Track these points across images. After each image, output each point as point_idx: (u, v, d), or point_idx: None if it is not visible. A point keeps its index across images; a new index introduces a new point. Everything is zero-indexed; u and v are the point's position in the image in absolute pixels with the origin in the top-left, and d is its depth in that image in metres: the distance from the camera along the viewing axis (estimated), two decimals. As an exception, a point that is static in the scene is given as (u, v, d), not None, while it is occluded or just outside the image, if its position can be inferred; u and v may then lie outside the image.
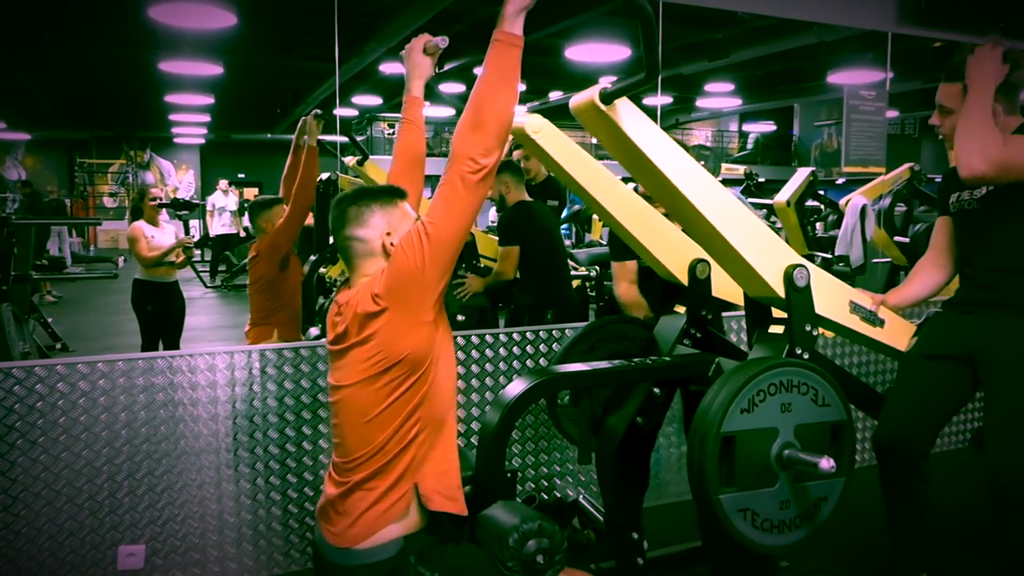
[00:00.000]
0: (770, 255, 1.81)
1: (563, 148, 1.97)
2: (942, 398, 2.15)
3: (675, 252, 2.15)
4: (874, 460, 2.25)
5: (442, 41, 1.98)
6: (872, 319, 2.10)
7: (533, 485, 3.13)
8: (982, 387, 2.11)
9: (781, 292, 1.81)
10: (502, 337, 3.05)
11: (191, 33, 7.30)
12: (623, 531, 2.21)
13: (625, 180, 2.25)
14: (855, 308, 2.07)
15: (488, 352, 3.00)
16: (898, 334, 2.17)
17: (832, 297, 2.00)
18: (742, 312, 2.07)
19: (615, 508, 2.20)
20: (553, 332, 3.14)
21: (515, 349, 3.05)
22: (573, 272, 5.61)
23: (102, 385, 2.49)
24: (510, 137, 1.75)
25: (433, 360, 1.61)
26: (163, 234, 4.63)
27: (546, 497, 3.11)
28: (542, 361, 3.08)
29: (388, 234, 1.69)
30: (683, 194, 1.73)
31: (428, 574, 1.60)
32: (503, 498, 1.71)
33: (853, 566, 2.61)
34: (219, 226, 10.96)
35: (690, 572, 2.43)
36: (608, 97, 1.65)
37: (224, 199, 11.08)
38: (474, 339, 2.98)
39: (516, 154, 4.10)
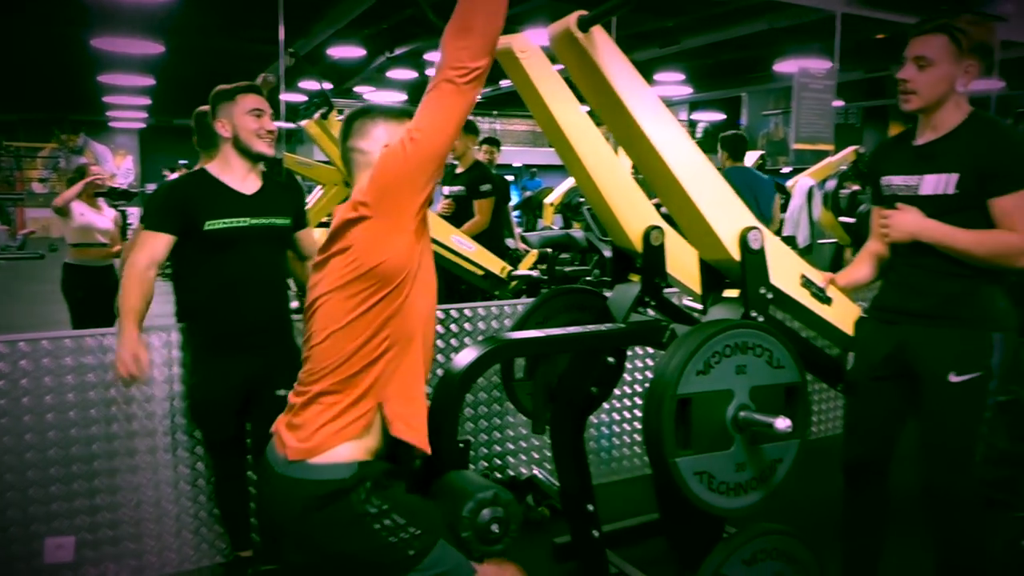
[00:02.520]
0: (728, 214, 1.78)
1: (547, 77, 1.87)
2: (895, 419, 2.15)
3: (635, 214, 2.09)
4: (827, 432, 2.25)
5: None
6: (821, 296, 2.09)
7: (486, 463, 3.07)
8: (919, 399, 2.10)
9: (736, 254, 1.78)
10: (453, 313, 2.98)
11: (128, 7, 6.99)
12: (578, 503, 2.17)
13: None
14: (806, 282, 2.05)
15: (439, 328, 2.93)
16: (845, 315, 2.16)
17: (785, 267, 1.99)
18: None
19: (570, 479, 2.16)
20: (506, 308, 3.08)
21: (466, 325, 2.99)
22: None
23: (24, 366, 2.34)
24: None
25: (410, 274, 1.51)
26: (98, 216, 4.42)
27: (499, 476, 3.06)
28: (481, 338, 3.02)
29: (387, 146, 1.59)
30: (649, 139, 1.68)
31: (381, 505, 1.47)
32: (455, 468, 1.65)
33: (807, 527, 2.62)
34: None
35: (645, 544, 2.41)
36: (586, 23, 1.58)
37: None
38: (439, 313, 2.91)
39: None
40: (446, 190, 4.54)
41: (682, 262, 2.16)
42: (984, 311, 1.98)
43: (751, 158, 5.87)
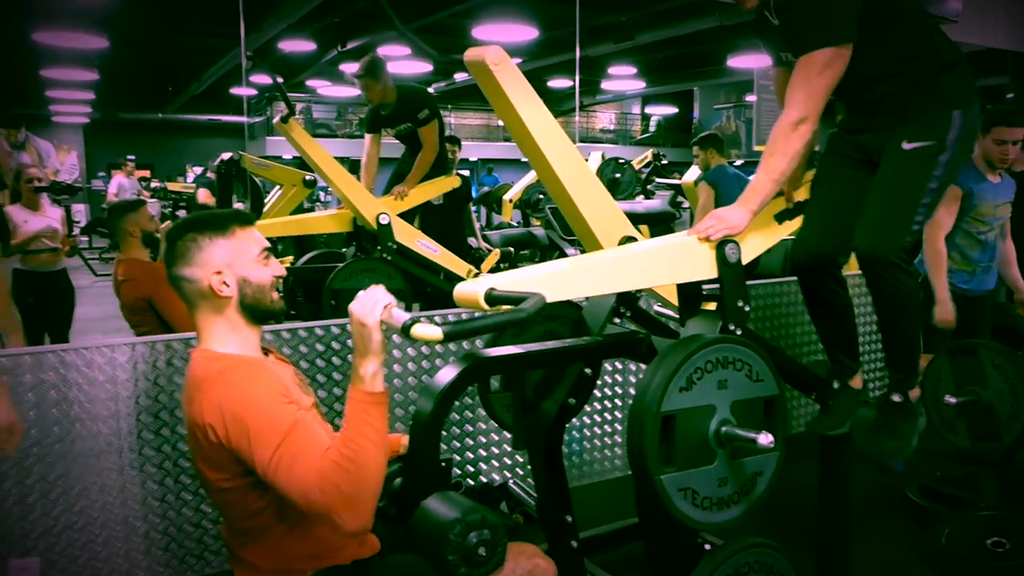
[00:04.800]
0: (700, 259, 1.83)
1: (519, 88, 1.86)
2: (849, 203, 2.09)
3: (608, 224, 2.10)
4: (801, 432, 2.30)
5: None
6: (800, 209, 2.14)
7: (459, 471, 3.06)
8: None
9: (714, 272, 1.81)
10: (438, 319, 2.96)
11: (70, 1, 6.76)
12: (556, 513, 2.18)
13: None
14: (780, 217, 2.10)
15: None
16: None
17: (759, 230, 2.01)
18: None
19: (548, 491, 2.17)
20: (475, 315, 3.07)
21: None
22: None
23: (-18, 385, 2.25)
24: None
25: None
26: (41, 220, 4.27)
27: (472, 483, 3.06)
28: (452, 346, 3.01)
29: (218, 273, 1.53)
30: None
31: None
32: (438, 488, 1.64)
33: (787, 537, 2.68)
34: None
35: (623, 550, 2.44)
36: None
37: (128, 182, 10.41)
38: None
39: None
40: (391, 133, 4.38)
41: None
42: (941, 92, 2.01)
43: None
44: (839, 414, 2.19)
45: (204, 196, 6.50)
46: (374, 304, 1.41)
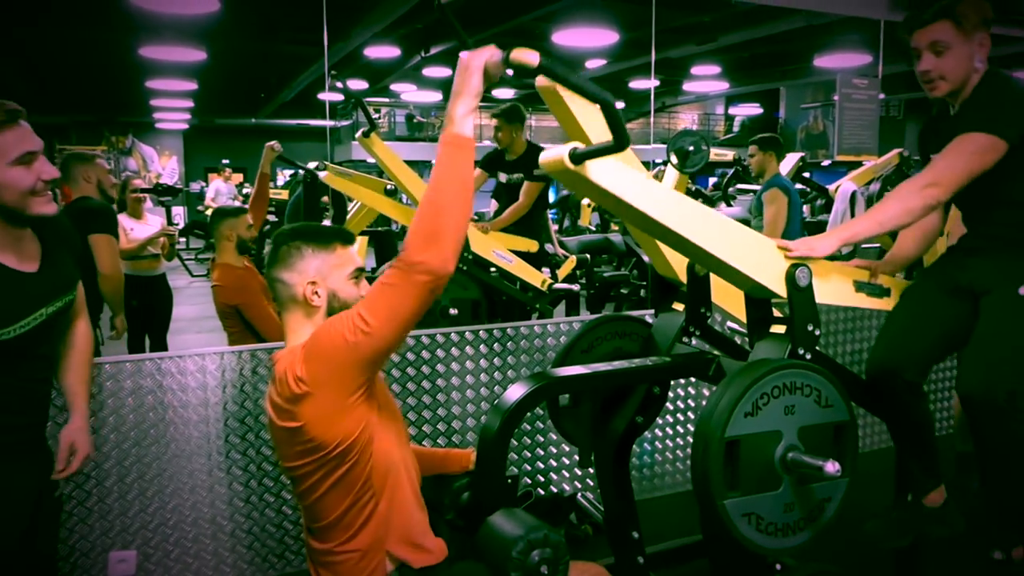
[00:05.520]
0: (769, 261, 1.79)
1: (587, 111, 1.88)
2: (935, 326, 2.04)
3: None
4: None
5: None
6: (879, 292, 2.06)
7: (530, 480, 3.11)
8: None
9: (783, 292, 1.79)
10: (496, 333, 3.01)
11: (173, 19, 7.15)
12: (623, 529, 2.19)
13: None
14: (859, 286, 2.04)
15: (482, 348, 2.97)
16: None
17: (836, 282, 1.97)
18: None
19: (614, 507, 2.19)
20: (548, 327, 3.11)
21: (507, 345, 3.02)
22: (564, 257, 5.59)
23: (89, 389, 2.44)
24: None
25: (368, 438, 1.55)
26: (145, 227, 4.54)
27: (543, 493, 3.10)
28: (524, 358, 3.05)
29: (312, 283, 1.61)
30: (670, 228, 1.68)
31: None
32: (504, 505, 1.68)
33: (855, 562, 2.61)
34: None
35: (690, 567, 2.43)
36: (578, 158, 1.58)
37: (225, 186, 10.93)
38: (468, 335, 2.95)
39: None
40: (503, 177, 4.55)
41: (728, 292, 2.16)
42: None
43: (791, 160, 5.79)
44: (903, 529, 2.10)
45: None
46: (484, 52, 1.48)
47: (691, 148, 2.55)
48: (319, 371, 1.48)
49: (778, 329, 1.90)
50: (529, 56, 1.42)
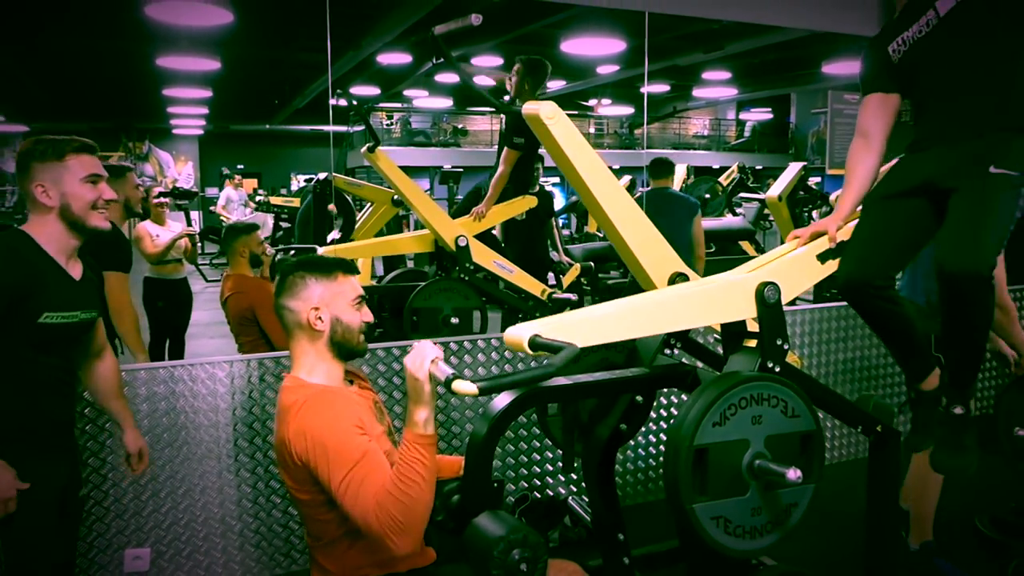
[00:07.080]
0: (740, 284, 1.90)
1: (571, 137, 2.03)
2: (898, 230, 2.06)
3: (659, 262, 2.23)
4: (843, 458, 2.33)
5: (476, 19, 2.11)
6: (839, 249, 2.09)
7: (526, 484, 3.22)
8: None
9: (753, 312, 1.89)
10: (494, 342, 3.13)
11: (188, 30, 7.34)
12: (609, 532, 2.30)
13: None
14: (823, 256, 2.07)
15: (479, 357, 3.09)
16: None
17: (800, 270, 2.04)
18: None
19: (601, 510, 2.29)
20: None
21: (503, 354, 3.14)
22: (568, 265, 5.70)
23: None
24: None
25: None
26: (168, 233, 4.72)
27: (538, 496, 3.21)
28: (521, 367, 3.16)
29: (316, 308, 1.76)
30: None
31: None
32: (490, 507, 1.80)
33: (825, 564, 2.71)
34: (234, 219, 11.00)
35: (674, 569, 2.53)
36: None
37: (236, 194, 11.10)
38: (467, 344, 3.07)
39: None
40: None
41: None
42: None
43: (792, 170, 5.88)
44: (922, 431, 2.20)
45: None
46: (423, 359, 1.60)
47: (708, 196, 2.67)
48: (308, 465, 1.68)
49: (752, 343, 2.00)
50: (467, 386, 1.50)
